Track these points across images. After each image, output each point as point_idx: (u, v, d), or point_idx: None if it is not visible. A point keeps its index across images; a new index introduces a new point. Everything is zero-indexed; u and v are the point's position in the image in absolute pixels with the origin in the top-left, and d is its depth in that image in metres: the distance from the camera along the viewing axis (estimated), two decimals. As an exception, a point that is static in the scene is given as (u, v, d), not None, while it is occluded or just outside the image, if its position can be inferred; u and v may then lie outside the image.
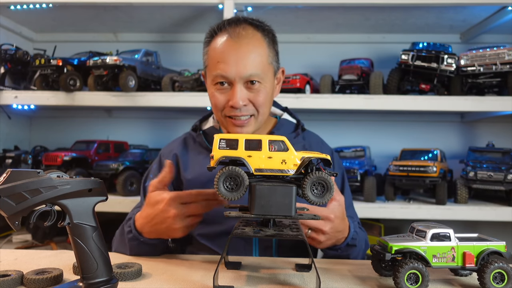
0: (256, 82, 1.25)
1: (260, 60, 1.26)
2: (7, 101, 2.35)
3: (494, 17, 2.35)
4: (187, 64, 2.66)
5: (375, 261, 0.94)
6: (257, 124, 1.32)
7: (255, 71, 1.24)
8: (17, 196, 0.70)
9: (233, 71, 1.22)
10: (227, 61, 1.23)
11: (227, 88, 1.26)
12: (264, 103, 1.29)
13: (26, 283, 0.84)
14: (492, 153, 2.27)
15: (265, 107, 1.31)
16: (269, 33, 1.32)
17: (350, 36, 2.78)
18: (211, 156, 0.85)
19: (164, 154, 1.45)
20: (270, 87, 1.31)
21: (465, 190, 2.16)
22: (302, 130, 1.49)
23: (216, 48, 1.26)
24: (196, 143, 1.44)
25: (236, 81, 1.24)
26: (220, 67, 1.24)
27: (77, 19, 2.67)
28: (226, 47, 1.24)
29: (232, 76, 1.23)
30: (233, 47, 1.24)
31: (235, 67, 1.22)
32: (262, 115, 1.31)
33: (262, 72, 1.26)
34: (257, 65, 1.24)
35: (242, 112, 1.26)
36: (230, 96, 1.25)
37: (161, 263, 1.05)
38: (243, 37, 1.25)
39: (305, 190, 0.83)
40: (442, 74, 2.13)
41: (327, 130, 1.63)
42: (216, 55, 1.26)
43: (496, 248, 0.87)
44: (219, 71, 1.24)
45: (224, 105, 1.27)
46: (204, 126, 1.48)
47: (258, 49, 1.26)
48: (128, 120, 2.95)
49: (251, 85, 1.25)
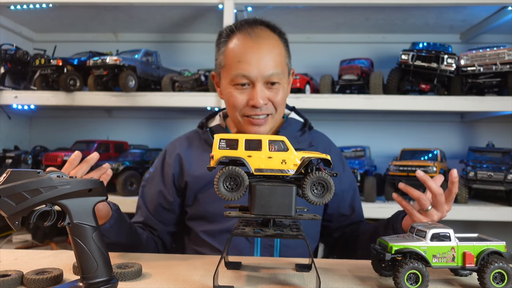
0: (276, 82, 1.28)
1: (280, 60, 1.29)
2: (7, 101, 2.35)
3: (494, 17, 2.35)
4: (187, 64, 2.66)
5: (375, 261, 0.94)
6: (273, 123, 1.35)
7: (275, 70, 1.26)
8: (17, 196, 0.70)
9: (255, 70, 1.24)
10: (249, 61, 1.24)
11: (247, 88, 1.28)
12: (282, 103, 1.33)
13: (26, 283, 0.84)
14: (492, 153, 2.27)
15: (282, 107, 1.34)
16: (283, 34, 1.35)
17: (350, 36, 2.78)
18: (211, 156, 0.85)
19: (168, 151, 1.45)
20: (287, 87, 1.35)
21: (465, 190, 2.16)
22: (310, 128, 1.49)
23: (235, 48, 1.27)
24: (202, 140, 1.43)
25: (257, 81, 1.25)
26: (242, 67, 1.24)
27: (77, 19, 2.67)
28: (247, 47, 1.26)
29: (254, 76, 1.25)
30: (253, 47, 1.25)
31: (256, 67, 1.24)
32: (279, 114, 1.34)
33: (281, 72, 1.29)
34: (277, 65, 1.27)
35: (262, 111, 1.28)
36: (251, 95, 1.27)
37: (161, 263, 1.05)
38: (263, 37, 1.28)
39: (305, 190, 0.83)
40: (442, 74, 2.13)
41: (327, 130, 1.62)
42: (236, 55, 1.27)
43: (496, 248, 0.87)
44: (240, 71, 1.25)
45: (244, 105, 1.29)
46: (210, 124, 1.49)
47: (277, 49, 1.29)
48: (128, 120, 2.95)
49: (271, 85, 1.27)
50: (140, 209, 1.44)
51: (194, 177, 1.36)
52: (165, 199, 1.40)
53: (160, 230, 1.41)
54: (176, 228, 1.46)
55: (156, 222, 1.40)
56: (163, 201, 1.40)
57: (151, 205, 1.41)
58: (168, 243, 1.46)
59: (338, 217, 1.45)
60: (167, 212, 1.41)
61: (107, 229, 1.14)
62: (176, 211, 1.42)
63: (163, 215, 1.41)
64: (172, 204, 1.40)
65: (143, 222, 1.41)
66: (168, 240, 1.45)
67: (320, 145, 1.46)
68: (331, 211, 1.44)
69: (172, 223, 1.44)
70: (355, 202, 1.47)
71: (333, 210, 1.44)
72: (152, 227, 1.41)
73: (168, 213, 1.41)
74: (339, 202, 1.44)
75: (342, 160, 1.51)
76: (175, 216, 1.43)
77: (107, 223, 1.14)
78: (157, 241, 1.40)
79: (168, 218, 1.42)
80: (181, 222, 1.46)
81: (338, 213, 1.44)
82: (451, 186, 1.09)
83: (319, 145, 1.46)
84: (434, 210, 1.10)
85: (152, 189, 1.42)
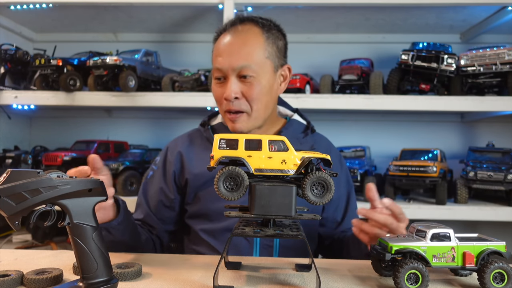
0: (249, 76, 1.26)
1: (256, 52, 1.27)
2: (7, 101, 2.35)
3: (494, 17, 2.35)
4: (187, 64, 2.66)
5: (375, 261, 0.94)
6: (251, 121, 1.30)
7: (246, 63, 1.25)
8: (17, 196, 0.70)
9: (226, 63, 1.26)
10: (222, 54, 1.27)
11: (223, 82, 1.29)
12: (258, 98, 1.27)
13: (26, 283, 0.84)
14: (492, 153, 2.27)
15: (259, 103, 1.28)
16: (271, 29, 1.33)
17: (350, 36, 2.78)
18: (211, 156, 0.85)
19: (170, 149, 1.45)
20: (267, 82, 1.29)
21: (465, 190, 2.16)
22: (312, 131, 1.48)
23: (217, 45, 1.32)
24: (204, 138, 1.43)
25: (229, 74, 1.26)
26: (216, 61, 1.29)
27: (77, 19, 2.67)
28: (223, 42, 1.29)
29: (225, 68, 1.26)
30: (228, 41, 1.28)
31: (228, 59, 1.26)
32: (256, 111, 1.29)
33: (256, 66, 1.26)
34: (249, 58, 1.26)
35: (234, 107, 1.27)
36: (224, 88, 1.28)
37: (161, 263, 1.05)
38: (240, 32, 1.29)
39: (305, 190, 0.83)
40: (442, 74, 2.13)
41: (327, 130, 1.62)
42: (215, 51, 1.32)
43: (496, 248, 0.87)
44: (216, 64, 1.29)
45: (221, 99, 1.30)
46: (212, 122, 1.49)
47: (253, 41, 1.28)
48: (128, 120, 2.95)
49: (244, 78, 1.27)
50: (141, 207, 1.43)
51: (194, 174, 1.36)
52: (166, 196, 1.40)
53: (159, 228, 1.40)
54: (175, 227, 1.45)
55: (156, 220, 1.40)
56: (164, 199, 1.40)
57: (152, 202, 1.41)
58: (166, 243, 1.45)
59: (332, 222, 1.43)
60: (167, 209, 1.41)
61: (114, 226, 1.11)
62: (176, 209, 1.42)
63: (164, 212, 1.40)
64: (172, 201, 1.40)
65: (142, 219, 1.40)
66: (166, 239, 1.44)
67: (320, 148, 1.45)
68: (327, 214, 1.42)
69: (171, 222, 1.43)
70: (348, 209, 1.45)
71: (328, 214, 1.42)
72: (151, 225, 1.40)
73: (169, 211, 1.41)
74: (335, 207, 1.43)
75: (341, 163, 1.49)
76: (175, 214, 1.42)
77: (114, 220, 1.11)
78: (155, 240, 1.40)
79: (168, 216, 1.41)
80: (180, 221, 1.45)
81: (333, 217, 1.43)
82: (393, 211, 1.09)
83: (319, 148, 1.45)
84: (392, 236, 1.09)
85: (154, 187, 1.42)
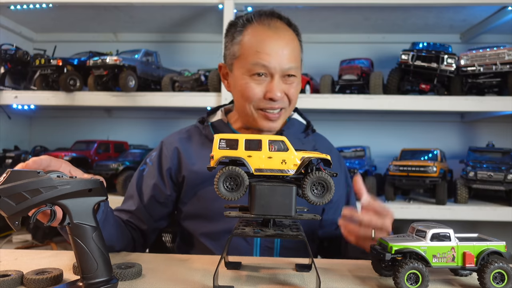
0: (292, 75, 1.27)
1: (297, 54, 1.29)
2: (7, 101, 2.35)
3: (494, 17, 2.35)
4: (187, 64, 2.66)
5: (375, 261, 0.94)
6: (285, 117, 1.34)
7: (294, 64, 1.26)
8: (17, 196, 0.70)
9: (275, 61, 1.23)
10: (269, 52, 1.22)
11: (264, 79, 1.25)
12: (296, 97, 1.32)
13: (26, 283, 0.84)
14: (492, 153, 2.27)
15: (295, 101, 1.33)
16: (297, 29, 1.35)
17: (350, 36, 2.78)
18: (211, 156, 0.85)
19: (166, 144, 1.40)
20: (300, 82, 1.34)
21: (465, 190, 2.16)
22: (312, 131, 1.47)
23: (253, 38, 1.25)
24: (202, 135, 1.39)
25: (276, 73, 1.24)
26: (261, 57, 1.22)
27: (77, 19, 2.67)
28: (267, 37, 1.24)
29: (273, 67, 1.23)
30: (273, 38, 1.24)
31: (276, 58, 1.23)
32: (290, 109, 1.33)
33: (297, 67, 1.29)
34: (295, 59, 1.27)
35: (278, 105, 1.27)
36: (269, 88, 1.25)
37: (161, 263, 1.05)
38: (281, 30, 1.27)
39: (305, 190, 0.83)
40: (442, 74, 2.14)
41: (327, 130, 1.62)
42: (254, 45, 1.24)
43: (496, 248, 0.87)
44: (260, 61, 1.22)
45: (260, 97, 1.26)
46: (211, 119, 1.44)
47: (294, 43, 1.29)
48: (128, 120, 2.95)
49: (288, 78, 1.26)
50: (133, 198, 1.36)
51: (193, 172, 1.32)
52: (160, 192, 1.35)
53: (148, 224, 1.34)
54: (163, 225, 1.41)
55: (146, 215, 1.34)
56: (157, 194, 1.35)
57: (145, 196, 1.35)
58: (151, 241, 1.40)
59: (331, 224, 1.41)
60: (159, 206, 1.36)
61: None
62: (169, 206, 1.38)
63: (155, 208, 1.35)
64: (167, 198, 1.35)
65: (133, 212, 1.34)
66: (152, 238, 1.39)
67: (322, 148, 1.44)
68: (327, 216, 1.40)
69: (162, 219, 1.38)
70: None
71: (328, 216, 1.40)
72: (141, 219, 1.34)
73: (160, 207, 1.36)
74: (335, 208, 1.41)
75: (340, 163, 1.48)
76: (167, 211, 1.38)
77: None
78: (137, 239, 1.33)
79: (158, 213, 1.36)
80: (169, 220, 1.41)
81: (332, 219, 1.40)
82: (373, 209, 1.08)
83: (321, 148, 1.44)
84: (379, 232, 1.07)
85: (147, 181, 1.37)
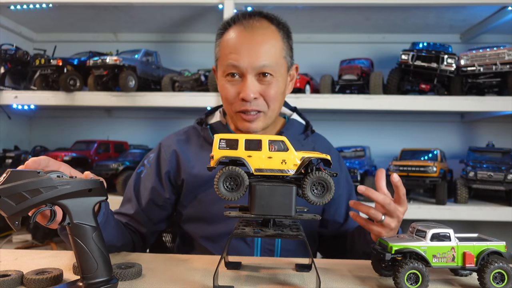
0: (268, 75, 1.22)
1: (274, 51, 1.23)
2: (7, 101, 2.35)
3: (494, 17, 2.35)
4: (187, 64, 2.66)
5: (375, 261, 0.94)
6: (266, 120, 1.28)
7: (268, 62, 1.21)
8: (17, 196, 0.70)
9: (245, 61, 1.20)
10: (239, 51, 1.21)
11: (238, 80, 1.24)
12: (276, 98, 1.26)
13: (26, 283, 0.84)
14: (492, 153, 2.27)
15: (276, 103, 1.27)
16: (284, 27, 1.31)
17: (350, 36, 2.78)
18: (211, 156, 0.85)
19: (164, 146, 1.39)
20: (283, 82, 1.28)
21: (465, 190, 2.16)
22: (311, 132, 1.46)
23: (229, 39, 1.24)
24: (201, 137, 1.38)
25: (247, 72, 1.21)
26: (231, 57, 1.21)
27: (77, 19, 2.67)
28: (239, 38, 1.22)
29: (243, 66, 1.20)
30: (246, 37, 1.22)
31: (247, 57, 1.20)
32: (272, 111, 1.27)
33: (275, 65, 1.23)
34: (270, 56, 1.22)
35: (252, 107, 1.23)
36: (241, 88, 1.22)
37: (161, 263, 1.04)
38: (257, 28, 1.23)
39: (305, 190, 0.83)
40: (442, 74, 2.13)
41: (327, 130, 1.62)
42: (228, 46, 1.24)
43: (496, 248, 0.87)
44: (231, 61, 1.21)
45: (235, 98, 1.25)
46: (210, 121, 1.43)
47: (272, 40, 1.24)
48: (128, 120, 2.95)
49: (263, 77, 1.22)
50: (131, 202, 1.36)
51: (192, 175, 1.31)
52: (158, 195, 1.34)
53: (147, 227, 1.34)
54: (162, 227, 1.41)
55: (145, 219, 1.34)
56: (155, 198, 1.34)
57: (143, 200, 1.34)
58: (149, 244, 1.40)
59: (334, 223, 1.42)
60: (158, 209, 1.35)
61: None
62: (168, 209, 1.37)
63: (153, 212, 1.35)
64: (166, 201, 1.35)
65: (132, 215, 1.34)
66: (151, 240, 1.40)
67: (321, 149, 1.43)
68: (327, 216, 1.40)
69: (161, 221, 1.38)
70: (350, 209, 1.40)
71: (329, 215, 1.40)
72: (140, 223, 1.34)
73: (159, 210, 1.35)
74: (336, 207, 1.41)
75: (340, 163, 1.48)
76: (165, 214, 1.38)
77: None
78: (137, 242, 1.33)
79: (157, 216, 1.36)
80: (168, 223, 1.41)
81: (334, 218, 1.41)
82: (396, 190, 1.08)
83: (320, 148, 1.43)
84: (389, 218, 1.08)
85: (146, 184, 1.36)
